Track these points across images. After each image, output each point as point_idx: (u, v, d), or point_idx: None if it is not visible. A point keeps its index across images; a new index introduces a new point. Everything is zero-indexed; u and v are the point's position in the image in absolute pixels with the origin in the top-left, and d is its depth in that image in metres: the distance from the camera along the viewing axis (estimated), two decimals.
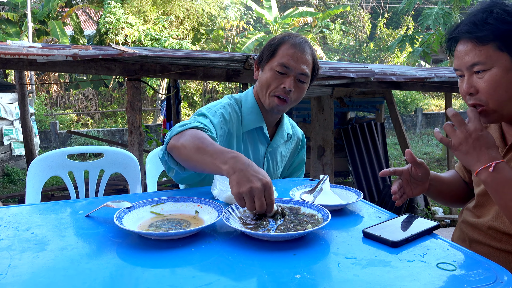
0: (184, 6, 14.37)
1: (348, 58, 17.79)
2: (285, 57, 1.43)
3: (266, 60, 1.47)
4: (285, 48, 1.44)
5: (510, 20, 1.05)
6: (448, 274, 0.78)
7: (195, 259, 0.84)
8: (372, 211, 1.16)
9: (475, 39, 1.07)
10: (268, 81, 1.45)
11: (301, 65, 1.43)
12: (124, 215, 1.01)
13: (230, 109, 1.49)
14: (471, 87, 1.11)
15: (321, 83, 3.85)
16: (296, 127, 1.73)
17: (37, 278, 0.76)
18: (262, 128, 1.52)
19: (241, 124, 1.50)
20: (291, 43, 1.44)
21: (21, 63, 3.40)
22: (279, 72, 1.43)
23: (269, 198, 0.98)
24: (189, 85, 14.65)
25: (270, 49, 1.46)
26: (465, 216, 1.29)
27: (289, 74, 1.43)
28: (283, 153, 1.65)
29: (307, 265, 0.82)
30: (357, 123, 5.99)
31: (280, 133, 1.59)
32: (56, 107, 13.95)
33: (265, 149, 1.56)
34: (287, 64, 1.42)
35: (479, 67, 1.08)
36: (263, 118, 1.52)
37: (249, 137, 1.52)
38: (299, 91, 1.47)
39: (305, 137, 1.76)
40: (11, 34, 12.82)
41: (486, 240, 1.17)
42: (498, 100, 1.08)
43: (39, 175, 1.76)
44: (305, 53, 1.45)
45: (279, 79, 1.44)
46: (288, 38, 1.46)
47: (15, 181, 7.42)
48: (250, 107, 1.52)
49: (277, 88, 1.44)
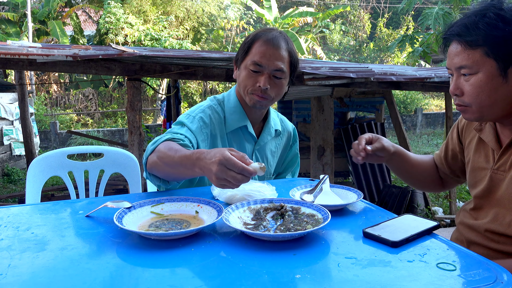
0: (184, 6, 14.37)
1: (348, 58, 17.78)
2: (257, 54, 1.39)
3: (241, 58, 1.45)
4: (258, 45, 1.41)
5: (501, 26, 1.04)
6: (448, 274, 0.78)
7: (195, 259, 0.84)
8: (372, 211, 1.16)
9: (465, 42, 1.09)
10: (244, 81, 1.43)
11: (274, 61, 1.39)
12: (124, 215, 1.01)
13: (211, 111, 1.48)
14: (457, 88, 1.13)
15: (321, 83, 3.85)
16: (286, 121, 1.70)
17: (37, 278, 0.76)
18: (247, 127, 1.51)
19: (224, 124, 1.49)
20: (264, 40, 1.40)
21: (21, 63, 3.40)
22: (253, 71, 1.41)
23: (234, 167, 0.95)
24: (189, 85, 14.65)
25: (244, 47, 1.44)
26: (462, 218, 1.29)
27: (263, 72, 1.41)
28: (273, 149, 1.62)
29: (307, 265, 0.82)
30: (357, 123, 5.99)
31: (267, 129, 1.56)
32: (56, 107, 13.95)
33: (253, 147, 1.55)
34: (260, 62, 1.39)
35: (465, 70, 1.10)
36: (246, 117, 1.51)
37: (234, 137, 1.51)
38: (276, 87, 1.44)
39: (296, 131, 1.73)
40: (11, 34, 12.82)
41: (484, 242, 1.17)
42: (480, 105, 1.11)
43: (39, 175, 1.76)
44: (279, 48, 1.40)
45: (254, 77, 1.41)
46: (261, 34, 1.42)
47: (15, 181, 7.41)
48: (233, 107, 1.51)
49: (253, 87, 1.42)
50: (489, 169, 1.20)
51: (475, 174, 1.25)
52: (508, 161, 1.14)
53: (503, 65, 1.06)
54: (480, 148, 1.25)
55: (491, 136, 1.21)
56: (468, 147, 1.31)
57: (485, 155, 1.23)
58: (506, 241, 1.13)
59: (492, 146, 1.20)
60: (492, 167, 1.19)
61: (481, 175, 1.23)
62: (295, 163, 1.73)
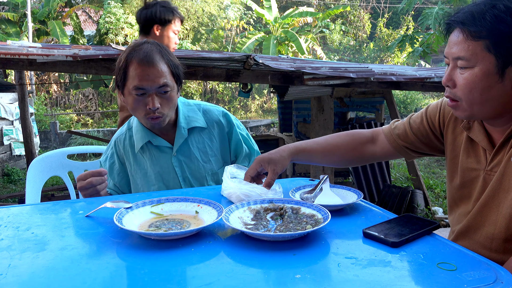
0: (184, 6, 14.38)
1: (348, 58, 17.78)
2: (136, 78, 1.38)
3: (121, 84, 1.43)
4: (133, 68, 1.38)
5: (509, 21, 0.97)
6: (448, 274, 0.78)
7: (195, 259, 0.84)
8: (372, 211, 1.16)
9: (468, 32, 1.01)
10: (133, 106, 1.43)
11: (155, 79, 1.38)
12: (124, 215, 1.01)
13: (116, 147, 1.59)
14: (451, 79, 1.08)
15: (321, 83, 3.85)
16: (211, 112, 1.62)
17: (37, 278, 0.76)
18: (152, 142, 1.53)
19: (134, 146, 1.56)
20: (137, 61, 1.38)
21: (21, 63, 3.40)
22: (138, 95, 1.40)
23: (84, 176, 1.30)
24: (189, 85, 14.65)
25: (120, 73, 1.41)
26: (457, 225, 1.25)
27: (148, 93, 1.40)
28: (201, 146, 1.58)
29: (307, 265, 0.82)
30: (357, 123, 5.99)
31: (178, 133, 1.53)
32: (56, 107, 13.95)
33: (171, 155, 1.54)
34: (140, 86, 1.38)
35: (462, 62, 1.04)
36: (149, 132, 1.53)
37: (146, 153, 1.55)
38: (167, 102, 1.43)
39: (230, 116, 1.64)
40: (11, 34, 12.82)
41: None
42: (471, 101, 1.05)
43: (39, 175, 1.77)
44: (154, 64, 1.38)
45: (141, 101, 1.40)
46: (132, 56, 1.39)
47: (15, 181, 7.41)
48: (135, 127, 1.56)
49: (145, 111, 1.41)
50: (482, 170, 1.14)
51: (464, 175, 1.19)
52: (502, 161, 1.09)
53: (502, 63, 0.99)
54: (469, 148, 1.19)
55: (481, 135, 1.14)
56: (453, 144, 1.23)
57: (475, 155, 1.17)
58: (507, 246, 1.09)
59: (484, 146, 1.14)
60: (485, 168, 1.13)
61: (472, 175, 1.17)
62: (242, 147, 1.65)
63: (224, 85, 15.41)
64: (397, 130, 1.33)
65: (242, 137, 1.65)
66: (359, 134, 1.39)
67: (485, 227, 1.12)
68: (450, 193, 1.26)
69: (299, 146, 1.35)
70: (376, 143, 1.37)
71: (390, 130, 1.35)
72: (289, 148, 1.33)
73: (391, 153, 1.36)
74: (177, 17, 2.37)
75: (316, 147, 1.37)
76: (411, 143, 1.31)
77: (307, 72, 3.75)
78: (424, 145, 1.30)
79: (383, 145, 1.36)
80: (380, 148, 1.36)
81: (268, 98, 16.84)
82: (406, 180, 6.34)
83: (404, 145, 1.32)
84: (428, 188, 6.48)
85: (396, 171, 7.49)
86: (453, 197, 1.25)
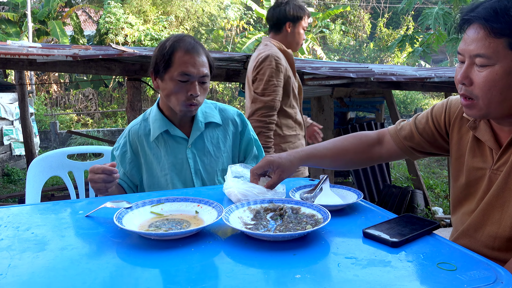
0: (184, 6, 14.38)
1: (348, 58, 17.78)
2: (182, 65, 1.45)
3: (163, 70, 1.48)
4: (180, 55, 1.45)
5: None
6: (448, 274, 0.78)
7: (195, 259, 0.84)
8: (372, 211, 1.16)
9: (489, 29, 0.97)
10: (173, 92, 1.48)
11: (200, 68, 1.47)
12: (124, 215, 1.01)
13: (130, 136, 1.61)
14: (467, 77, 1.04)
15: (321, 83, 3.85)
16: (227, 110, 1.69)
17: (37, 278, 0.76)
18: (169, 131, 1.57)
19: (150, 135, 1.59)
20: (184, 49, 1.46)
21: (21, 63, 3.40)
22: (181, 81, 1.46)
23: (97, 169, 1.30)
24: None
25: (164, 58, 1.47)
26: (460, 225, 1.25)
27: (191, 81, 1.47)
28: (215, 141, 1.63)
29: (307, 265, 0.82)
30: (357, 123, 5.99)
31: (195, 125, 1.59)
32: (56, 107, 13.95)
33: (185, 147, 1.59)
34: (187, 72, 1.45)
35: (481, 60, 1.00)
36: (168, 122, 1.57)
37: (160, 142, 1.58)
38: (204, 92, 1.52)
39: (243, 116, 1.72)
40: (11, 34, 12.82)
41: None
42: (489, 100, 1.02)
43: (39, 175, 1.77)
44: (200, 55, 1.48)
45: (183, 87, 1.47)
46: (179, 43, 1.47)
47: (15, 181, 7.41)
48: (154, 116, 1.60)
49: (185, 97, 1.48)
50: (488, 169, 1.14)
51: (470, 174, 1.19)
52: (508, 160, 1.08)
53: None
54: (475, 147, 1.18)
55: (488, 135, 1.13)
56: (459, 143, 1.23)
57: (481, 155, 1.16)
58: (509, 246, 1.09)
59: (490, 146, 1.13)
60: (491, 167, 1.13)
61: (478, 175, 1.17)
62: (253, 148, 1.72)
63: (224, 85, 15.41)
64: (403, 131, 1.33)
65: (253, 138, 1.72)
66: (366, 136, 1.39)
67: (488, 226, 1.11)
68: (454, 193, 1.26)
69: (309, 152, 1.34)
70: (383, 145, 1.37)
71: (396, 131, 1.35)
72: (299, 154, 1.32)
73: (396, 154, 1.36)
74: (306, 14, 2.43)
75: (326, 152, 1.36)
76: (417, 144, 1.30)
77: (307, 72, 3.75)
78: (430, 145, 1.30)
79: (388, 147, 1.36)
80: (386, 149, 1.36)
81: None
82: (406, 180, 6.34)
83: (410, 145, 1.31)
84: (428, 188, 6.48)
85: (396, 171, 7.50)
86: (457, 197, 1.24)
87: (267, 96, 2.21)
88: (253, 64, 2.29)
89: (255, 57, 2.30)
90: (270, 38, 2.40)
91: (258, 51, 2.33)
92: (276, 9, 2.39)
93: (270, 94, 2.21)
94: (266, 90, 2.21)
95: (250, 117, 2.25)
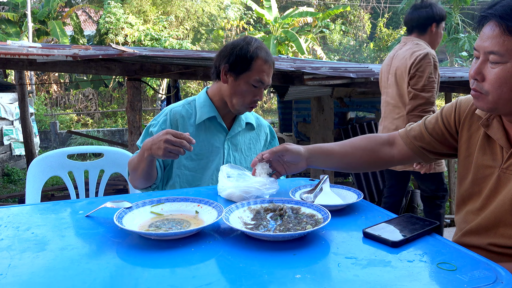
0: (184, 6, 14.38)
1: (348, 58, 17.79)
2: (261, 73, 1.57)
3: (241, 71, 1.56)
4: (260, 63, 1.56)
5: None
6: (448, 274, 0.78)
7: (195, 259, 0.84)
8: (372, 211, 1.16)
9: (505, 26, 0.99)
10: (244, 93, 1.59)
11: (270, 78, 1.61)
12: (124, 215, 1.01)
13: (172, 115, 1.64)
14: (480, 73, 1.06)
15: (321, 83, 3.85)
16: (261, 119, 1.86)
17: (37, 278, 0.76)
18: (216, 118, 1.65)
19: (195, 118, 1.65)
20: (264, 59, 1.57)
21: (21, 63, 3.40)
22: (255, 86, 1.58)
23: (178, 135, 1.29)
24: (189, 85, 14.65)
25: (246, 61, 1.55)
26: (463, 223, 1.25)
27: (261, 87, 1.60)
28: (247, 141, 1.75)
29: (307, 265, 0.82)
30: (357, 123, 5.98)
31: (237, 121, 1.71)
32: (56, 107, 13.95)
33: (224, 137, 1.69)
34: (263, 80, 1.57)
35: (495, 57, 1.02)
36: (215, 110, 1.66)
37: (202, 127, 1.65)
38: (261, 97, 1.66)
39: (273, 130, 1.88)
40: (11, 34, 12.83)
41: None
42: (499, 96, 1.04)
43: (39, 175, 1.77)
44: (272, 66, 1.61)
45: (254, 92, 1.59)
46: (261, 51, 1.57)
47: (15, 181, 7.41)
48: (202, 102, 1.67)
49: (251, 99, 1.60)
50: (497, 167, 1.14)
51: (478, 171, 1.19)
52: None
53: None
54: (485, 145, 1.18)
55: (500, 133, 1.13)
56: (468, 141, 1.23)
57: (491, 153, 1.16)
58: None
59: (501, 144, 1.13)
60: (501, 165, 1.12)
61: (486, 173, 1.16)
62: None
63: None
64: (412, 131, 1.34)
65: None
66: (375, 136, 1.40)
67: (501, 228, 1.10)
68: (459, 192, 1.27)
69: (316, 146, 1.35)
70: (394, 146, 1.38)
71: (406, 132, 1.36)
72: (308, 148, 1.33)
73: (408, 156, 1.36)
74: (445, 16, 2.58)
75: (334, 147, 1.36)
76: (428, 143, 1.31)
77: (307, 72, 3.75)
78: (440, 144, 1.30)
79: (400, 148, 1.36)
80: (397, 150, 1.37)
81: (268, 98, 16.85)
82: None
83: (421, 145, 1.32)
84: None
85: None
86: (461, 196, 1.25)
87: (427, 92, 2.34)
88: (410, 62, 2.42)
89: (410, 55, 2.44)
90: (416, 38, 2.54)
91: (411, 49, 2.47)
92: (421, 11, 2.53)
93: (430, 90, 2.34)
94: (426, 87, 2.34)
95: (410, 112, 2.38)
